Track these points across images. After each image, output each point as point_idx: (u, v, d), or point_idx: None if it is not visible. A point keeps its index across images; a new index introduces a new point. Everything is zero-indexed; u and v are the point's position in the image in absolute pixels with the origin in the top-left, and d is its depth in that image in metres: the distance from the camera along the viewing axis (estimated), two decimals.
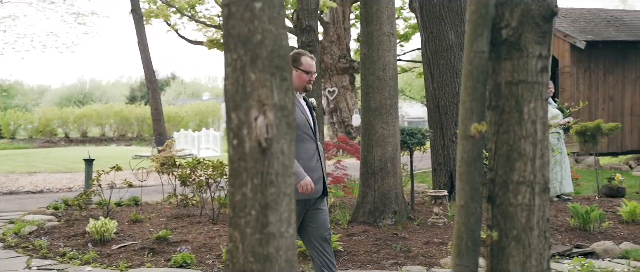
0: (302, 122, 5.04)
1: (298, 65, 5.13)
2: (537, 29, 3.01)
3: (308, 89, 5.15)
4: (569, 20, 18.42)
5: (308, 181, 4.80)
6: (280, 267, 2.71)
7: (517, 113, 3.02)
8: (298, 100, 5.14)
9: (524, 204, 3.00)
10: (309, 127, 5.05)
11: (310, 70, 5.12)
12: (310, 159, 5.01)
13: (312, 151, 5.02)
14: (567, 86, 17.47)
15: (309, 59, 5.15)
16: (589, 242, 8.09)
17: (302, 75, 5.12)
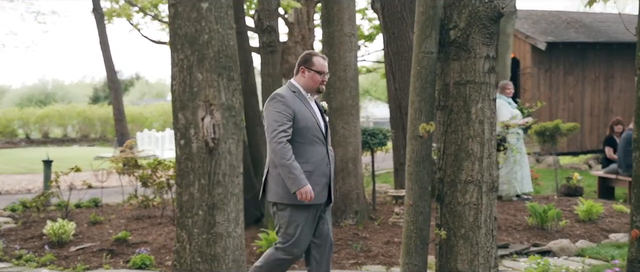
0: (312, 125, 4.89)
1: (309, 65, 4.98)
2: (484, 30, 3.05)
3: (321, 89, 5.02)
4: (529, 22, 18.67)
5: (308, 189, 4.65)
6: (227, 267, 2.71)
7: (464, 113, 3.06)
8: (309, 102, 4.97)
9: (472, 203, 3.04)
10: (319, 130, 4.90)
11: (322, 70, 4.96)
12: (320, 163, 4.86)
13: (322, 154, 4.89)
14: (528, 86, 17.70)
15: (320, 58, 5.00)
16: (546, 240, 8.21)
17: (315, 76, 4.96)
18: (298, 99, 4.88)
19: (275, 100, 4.76)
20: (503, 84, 10.61)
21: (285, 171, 4.60)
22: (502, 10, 3.10)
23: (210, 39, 2.60)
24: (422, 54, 3.01)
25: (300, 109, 4.83)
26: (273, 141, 4.63)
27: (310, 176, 4.78)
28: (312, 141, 4.85)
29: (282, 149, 4.60)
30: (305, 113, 4.84)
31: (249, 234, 8.46)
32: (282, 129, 4.64)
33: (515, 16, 11.03)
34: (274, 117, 4.70)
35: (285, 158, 4.59)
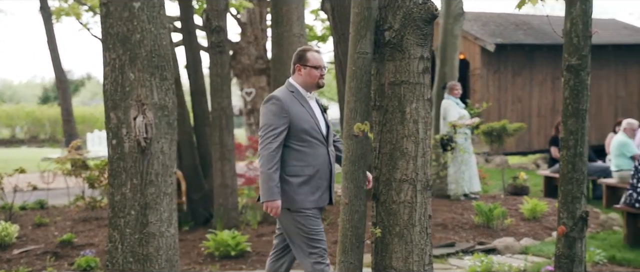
0: (310, 127, 4.65)
1: (304, 62, 4.76)
2: (418, 31, 3.10)
3: (321, 84, 4.78)
4: (479, 23, 18.94)
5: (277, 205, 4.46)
6: (160, 266, 2.70)
7: (399, 113, 3.11)
8: (307, 102, 4.75)
9: (406, 201, 3.09)
10: (318, 130, 4.66)
11: (319, 65, 4.73)
12: (321, 165, 4.61)
13: (322, 156, 4.63)
14: (478, 87, 17.95)
15: (314, 53, 4.79)
16: (491, 238, 8.35)
17: (312, 72, 4.73)
18: (296, 99, 4.65)
19: (271, 102, 4.55)
20: (451, 85, 10.75)
21: (264, 178, 4.42)
22: (435, 12, 3.15)
23: (142, 39, 2.60)
24: (357, 55, 3.04)
25: (297, 110, 4.61)
26: (262, 145, 4.45)
27: (311, 179, 4.55)
28: (312, 143, 4.62)
29: (267, 156, 4.40)
30: (303, 115, 4.62)
31: (198, 235, 8.43)
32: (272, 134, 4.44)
33: (463, 18, 11.18)
34: (266, 120, 4.49)
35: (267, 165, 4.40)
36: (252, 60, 21.12)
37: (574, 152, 2.90)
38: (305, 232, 4.57)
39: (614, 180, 10.98)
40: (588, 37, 2.95)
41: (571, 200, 2.90)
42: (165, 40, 2.65)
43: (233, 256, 7.42)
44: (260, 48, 21.42)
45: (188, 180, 9.17)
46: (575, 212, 2.89)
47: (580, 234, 2.89)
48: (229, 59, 9.59)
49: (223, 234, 7.50)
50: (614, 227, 9.28)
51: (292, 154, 4.54)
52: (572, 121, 2.91)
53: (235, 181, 8.80)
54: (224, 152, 8.62)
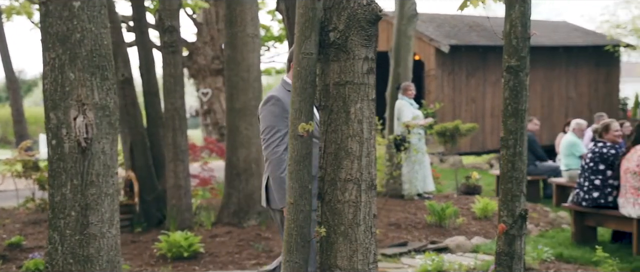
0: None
1: None
2: (362, 32, 3.14)
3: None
4: (434, 25, 19.14)
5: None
6: (101, 268, 2.68)
7: (344, 113, 3.14)
8: None
9: (351, 201, 3.12)
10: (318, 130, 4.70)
11: None
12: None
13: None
14: (433, 88, 18.14)
15: None
16: (443, 237, 8.47)
17: None
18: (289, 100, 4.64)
19: (271, 103, 4.34)
20: (405, 86, 10.85)
21: (276, 184, 4.21)
22: (379, 13, 3.19)
23: (82, 38, 2.57)
24: (301, 55, 3.06)
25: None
26: (267, 149, 4.25)
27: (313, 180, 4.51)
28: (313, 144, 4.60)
29: (276, 160, 4.20)
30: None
31: (150, 236, 8.36)
32: (277, 136, 4.24)
33: (416, 19, 11.29)
34: (268, 122, 4.28)
35: (278, 170, 4.19)
36: (208, 60, 21.02)
37: (514, 152, 2.97)
38: None
39: (563, 179, 11.21)
40: (527, 38, 3.02)
41: (511, 198, 2.96)
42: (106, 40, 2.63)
43: (186, 257, 7.38)
44: (216, 48, 21.34)
45: (141, 181, 9.10)
46: (515, 211, 2.95)
47: (519, 232, 2.96)
48: (182, 59, 9.54)
49: (175, 235, 7.45)
50: (562, 226, 9.47)
51: None
52: (512, 121, 2.97)
53: (188, 182, 8.76)
54: (177, 153, 8.57)
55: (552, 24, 23.83)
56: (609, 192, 7.88)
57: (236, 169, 8.93)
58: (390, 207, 9.94)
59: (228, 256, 7.55)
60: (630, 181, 7.54)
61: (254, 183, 8.93)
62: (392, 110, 11.05)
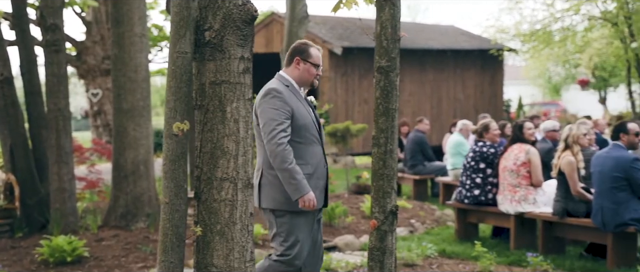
0: (309, 123, 4.45)
1: (306, 57, 4.56)
2: (238, 31, 3.16)
3: (315, 84, 4.62)
4: (327, 27, 19.38)
5: (312, 196, 4.18)
6: None
7: (220, 112, 3.15)
8: (302, 97, 4.53)
9: (227, 200, 3.13)
10: (315, 128, 4.50)
11: (319, 63, 4.57)
12: (318, 164, 4.44)
13: (319, 154, 4.49)
14: (326, 90, 18.36)
15: (316, 50, 4.63)
16: (333, 236, 8.59)
17: (311, 69, 4.54)
18: (293, 94, 4.41)
19: (271, 95, 4.24)
20: None
21: (287, 176, 4.10)
22: (255, 13, 3.22)
23: None
24: (176, 54, 3.05)
25: (297, 105, 4.38)
26: (271, 142, 4.11)
27: (310, 179, 4.34)
28: (310, 140, 4.42)
29: (283, 152, 4.10)
30: (302, 110, 4.41)
31: (32, 241, 8.07)
32: (281, 129, 4.14)
33: (307, 21, 11.41)
34: (270, 115, 4.17)
35: (286, 162, 4.10)
36: (98, 60, 20.46)
37: (385, 150, 3.06)
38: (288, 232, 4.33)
39: (449, 178, 11.58)
40: (397, 40, 3.12)
41: (382, 195, 3.06)
42: None
43: (69, 261, 7.17)
44: (106, 48, 20.80)
45: (22, 184, 8.76)
46: (386, 207, 3.05)
47: (390, 227, 3.06)
48: (70, 59, 9.25)
49: (58, 240, 7.23)
50: (448, 223, 9.80)
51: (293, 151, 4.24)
52: (383, 120, 3.06)
53: (73, 185, 8.51)
54: (61, 155, 8.31)
55: (441, 28, 24.60)
56: (489, 190, 8.22)
57: (124, 171, 8.75)
58: None
59: (114, 260, 7.39)
60: (508, 178, 7.89)
61: (143, 185, 8.78)
62: None
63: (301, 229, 4.35)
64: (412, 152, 12.40)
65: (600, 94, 33.88)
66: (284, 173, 4.11)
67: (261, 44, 19.88)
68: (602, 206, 6.94)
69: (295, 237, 4.31)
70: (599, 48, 25.35)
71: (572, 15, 22.65)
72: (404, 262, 7.13)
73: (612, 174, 6.91)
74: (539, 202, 7.79)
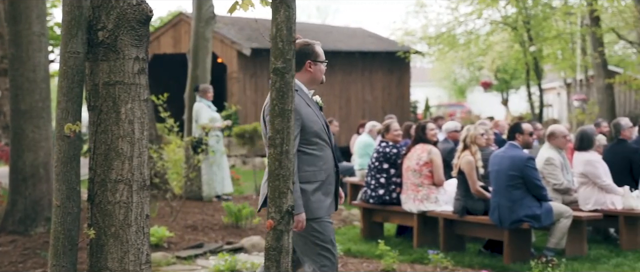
0: (320, 128, 4.33)
1: (316, 57, 4.41)
2: (132, 32, 3.13)
3: (323, 80, 4.51)
4: (236, 28, 19.30)
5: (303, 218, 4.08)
6: None
7: (114, 113, 3.11)
8: (312, 101, 4.40)
9: (122, 202, 3.10)
10: (325, 131, 4.37)
11: (325, 59, 4.47)
12: (330, 169, 4.35)
13: (330, 158, 4.38)
14: (235, 90, 18.29)
15: (319, 46, 4.50)
16: (240, 238, 8.57)
17: (322, 67, 4.43)
18: (302, 99, 4.26)
19: None
20: (204, 88, 10.86)
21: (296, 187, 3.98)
22: (150, 14, 3.19)
23: None
24: (68, 54, 3.00)
25: (307, 111, 4.25)
26: None
27: (323, 185, 4.28)
28: (321, 146, 4.32)
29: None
30: (312, 115, 4.29)
31: None
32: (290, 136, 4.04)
33: (214, 21, 11.34)
34: None
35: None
36: None
37: (280, 150, 3.09)
38: (321, 240, 4.22)
39: (357, 178, 11.75)
40: (292, 42, 3.16)
41: (278, 195, 3.09)
42: None
43: None
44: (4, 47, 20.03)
45: None
46: (282, 207, 3.09)
47: (286, 227, 3.10)
48: None
49: None
50: (354, 223, 9.94)
51: (304, 158, 4.16)
52: (279, 121, 3.10)
53: None
54: None
55: (349, 30, 24.92)
56: (392, 190, 8.39)
57: (22, 174, 8.46)
58: (188, 210, 9.91)
59: (11, 266, 7.15)
60: (411, 178, 8.08)
61: (42, 188, 8.52)
62: (190, 113, 11.01)
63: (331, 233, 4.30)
64: None
65: (502, 95, 35.11)
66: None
67: (169, 45, 19.62)
68: (498, 203, 7.20)
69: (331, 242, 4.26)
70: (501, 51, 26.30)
71: (475, 19, 23.39)
72: None
73: (508, 173, 7.17)
74: (441, 201, 8.01)
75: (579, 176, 8.05)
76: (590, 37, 20.82)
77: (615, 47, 29.26)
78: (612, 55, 27.92)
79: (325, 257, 4.22)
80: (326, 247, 4.24)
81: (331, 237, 4.28)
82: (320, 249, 4.22)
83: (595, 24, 19.80)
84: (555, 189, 7.95)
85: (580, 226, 7.51)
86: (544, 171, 7.97)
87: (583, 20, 22.49)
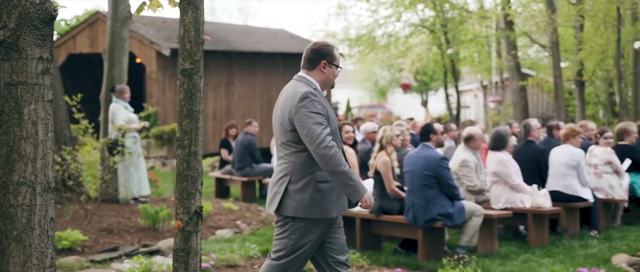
0: (335, 127, 4.32)
1: (332, 60, 4.40)
2: (36, 31, 3.06)
3: (334, 85, 4.54)
4: (155, 28, 19.04)
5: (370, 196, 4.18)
6: None
7: (16, 114, 3.04)
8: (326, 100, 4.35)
9: (25, 205, 3.03)
10: (337, 132, 4.39)
11: (340, 65, 4.49)
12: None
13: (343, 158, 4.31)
14: (154, 91, 18.04)
15: (337, 50, 4.51)
16: (156, 240, 8.46)
17: (335, 71, 4.43)
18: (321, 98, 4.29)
19: (310, 99, 4.10)
20: (120, 88, 10.66)
21: (344, 179, 4.05)
22: (54, 13, 3.14)
23: None
24: None
25: (327, 110, 4.27)
26: (321, 146, 4.01)
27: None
28: (338, 145, 4.31)
29: (335, 155, 4.03)
30: (331, 114, 4.30)
31: None
32: (327, 132, 4.06)
33: (130, 21, 11.14)
34: (315, 118, 4.06)
35: (341, 164, 4.04)
36: None
37: (189, 151, 3.09)
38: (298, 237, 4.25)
39: None
40: (200, 43, 3.16)
41: (187, 196, 3.09)
42: None
43: None
44: None
45: None
46: (191, 208, 3.08)
47: (195, 228, 3.09)
48: None
49: None
50: (273, 223, 9.95)
51: None
52: (187, 122, 3.09)
53: None
54: None
55: (271, 31, 24.93)
56: None
57: None
58: (104, 213, 9.71)
59: None
60: None
61: None
62: (106, 114, 10.79)
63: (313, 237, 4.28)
64: (241, 154, 12.47)
65: (422, 97, 35.81)
66: (340, 176, 4.08)
67: (85, 44, 19.19)
68: (413, 203, 7.35)
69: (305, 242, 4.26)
70: (420, 53, 26.81)
71: (395, 21, 23.78)
72: (226, 264, 7.18)
73: (423, 173, 7.33)
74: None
75: (492, 175, 8.31)
76: (505, 40, 21.51)
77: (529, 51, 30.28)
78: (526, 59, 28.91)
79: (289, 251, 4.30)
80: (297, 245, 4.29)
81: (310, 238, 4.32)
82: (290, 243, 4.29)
83: (509, 28, 20.47)
84: (469, 190, 8.18)
85: (491, 224, 7.74)
86: (459, 172, 8.19)
87: (498, 24, 23.19)
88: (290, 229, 4.26)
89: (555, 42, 19.10)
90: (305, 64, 4.45)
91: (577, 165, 8.57)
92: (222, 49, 19.27)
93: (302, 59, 4.47)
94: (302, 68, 4.47)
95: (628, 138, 9.64)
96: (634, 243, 8.01)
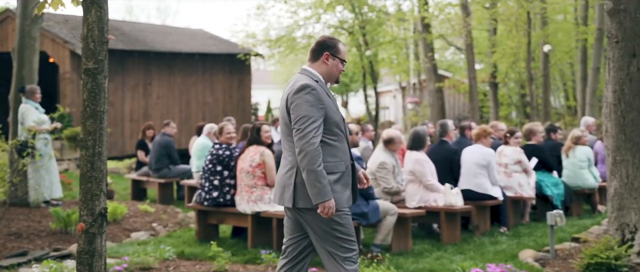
0: (339, 119, 4.33)
1: (335, 52, 4.42)
2: None
3: (339, 80, 4.50)
4: (68, 27, 18.55)
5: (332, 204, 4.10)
6: None
7: None
8: (330, 93, 4.36)
9: None
10: (343, 123, 4.37)
11: (345, 59, 4.49)
12: (348, 162, 4.33)
13: (348, 151, 4.37)
14: (68, 92, 17.59)
15: (343, 45, 4.51)
16: (68, 244, 8.27)
17: (339, 65, 4.45)
18: (323, 90, 4.27)
19: (306, 91, 4.11)
20: (31, 89, 10.35)
21: (313, 178, 4.00)
22: None
23: None
24: None
25: (328, 102, 4.26)
26: (303, 140, 4.02)
27: (342, 177, 4.27)
28: (341, 137, 4.32)
29: (313, 152, 4.01)
30: (332, 106, 4.30)
31: None
32: (314, 127, 4.05)
33: (41, 20, 10.82)
34: (305, 111, 4.07)
35: (316, 163, 4.01)
36: None
37: (93, 152, 3.04)
38: (343, 233, 4.24)
39: (194, 181, 11.65)
40: (104, 42, 3.12)
41: (91, 197, 3.03)
42: None
43: None
44: None
45: None
46: (95, 209, 3.03)
47: (99, 230, 3.05)
48: None
49: None
50: (190, 225, 9.86)
51: (326, 149, 4.17)
52: (91, 122, 3.04)
53: None
54: None
55: (190, 31, 24.68)
56: (227, 191, 8.41)
57: None
58: (13, 216, 9.41)
59: None
60: (245, 179, 8.14)
61: None
62: (15, 115, 10.45)
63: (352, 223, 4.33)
64: (158, 155, 12.30)
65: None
66: (310, 175, 4.05)
67: None
68: None
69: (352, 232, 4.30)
70: None
71: (314, 23, 23.91)
72: (140, 266, 7.07)
73: None
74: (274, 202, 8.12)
75: (408, 173, 8.46)
76: (422, 42, 21.94)
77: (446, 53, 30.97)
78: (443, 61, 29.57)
79: (348, 249, 4.29)
80: (348, 240, 4.30)
81: (352, 229, 4.35)
82: (342, 242, 4.28)
83: (426, 30, 20.89)
84: (385, 191, 8.32)
85: (405, 223, 7.89)
86: (377, 174, 8.31)
87: (416, 26, 23.64)
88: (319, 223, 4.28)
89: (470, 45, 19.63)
90: (309, 56, 4.52)
91: (487, 164, 8.83)
92: (139, 48, 18.96)
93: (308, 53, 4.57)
94: (307, 61, 4.56)
95: (535, 138, 10.01)
96: (540, 239, 8.31)
